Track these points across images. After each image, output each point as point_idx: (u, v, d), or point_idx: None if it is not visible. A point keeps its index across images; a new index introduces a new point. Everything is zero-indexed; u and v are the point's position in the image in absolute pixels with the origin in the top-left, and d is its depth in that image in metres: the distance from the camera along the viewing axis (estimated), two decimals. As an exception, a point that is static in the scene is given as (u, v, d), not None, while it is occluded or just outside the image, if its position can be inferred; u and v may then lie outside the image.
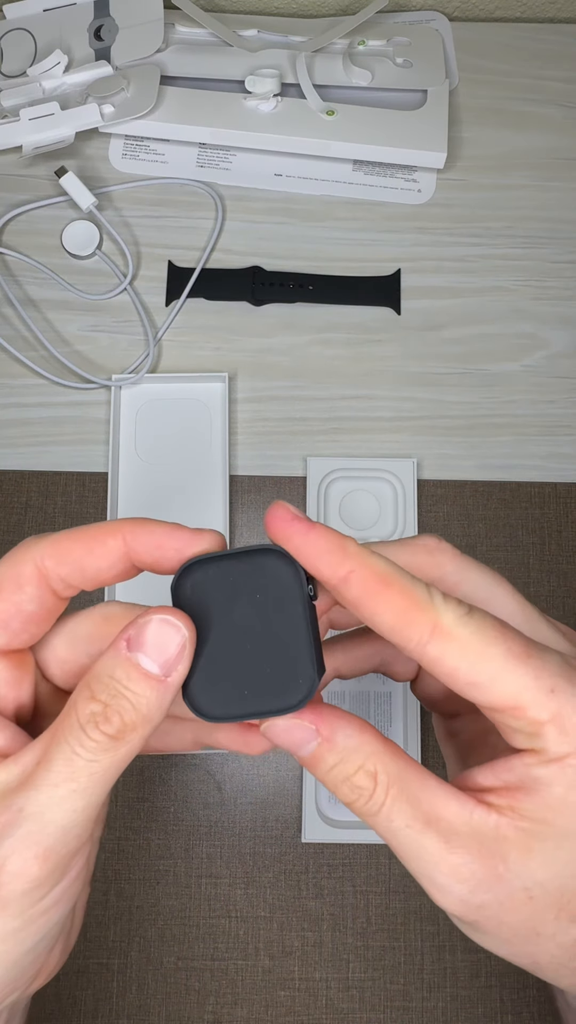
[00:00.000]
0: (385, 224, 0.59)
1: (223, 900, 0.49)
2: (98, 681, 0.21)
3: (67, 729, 0.21)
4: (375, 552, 0.22)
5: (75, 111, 0.57)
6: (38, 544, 0.23)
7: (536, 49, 0.64)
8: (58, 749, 0.21)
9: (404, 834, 0.21)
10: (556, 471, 0.55)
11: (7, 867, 0.20)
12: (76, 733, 0.21)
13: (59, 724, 0.21)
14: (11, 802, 0.20)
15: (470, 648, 0.21)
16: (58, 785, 0.20)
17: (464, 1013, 0.48)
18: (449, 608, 0.21)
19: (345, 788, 0.22)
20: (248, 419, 0.56)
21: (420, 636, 0.21)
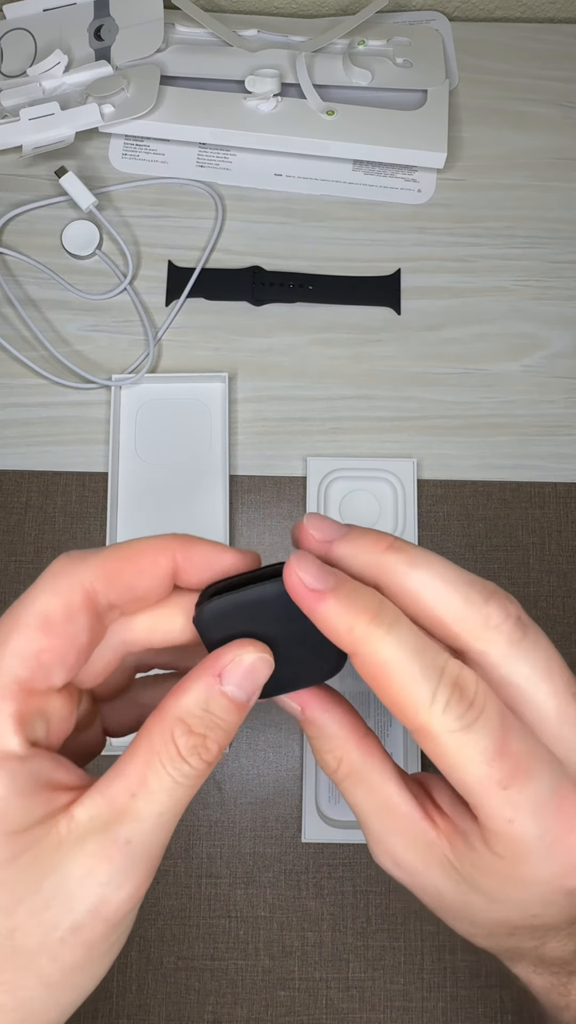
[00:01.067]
0: (385, 224, 0.59)
1: (223, 900, 0.49)
2: (192, 715, 0.22)
3: (168, 761, 0.21)
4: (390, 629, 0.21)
5: (75, 111, 0.57)
6: (84, 566, 0.22)
7: (536, 49, 0.64)
8: (159, 781, 0.21)
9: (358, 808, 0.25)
10: (556, 471, 0.55)
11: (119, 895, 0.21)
12: (178, 764, 0.21)
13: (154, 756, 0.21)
14: (115, 835, 0.21)
15: (450, 759, 0.21)
16: (163, 814, 0.21)
17: (464, 1013, 0.48)
18: (446, 719, 0.21)
19: (317, 757, 0.25)
20: (248, 419, 0.56)
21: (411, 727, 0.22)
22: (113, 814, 0.21)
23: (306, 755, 0.50)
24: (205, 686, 0.22)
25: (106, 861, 0.20)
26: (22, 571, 0.53)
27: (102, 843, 0.20)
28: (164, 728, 0.21)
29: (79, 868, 0.20)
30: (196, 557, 0.23)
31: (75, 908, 0.20)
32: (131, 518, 0.53)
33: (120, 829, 0.20)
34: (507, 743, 0.21)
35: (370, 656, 0.21)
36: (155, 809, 0.21)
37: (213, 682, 0.22)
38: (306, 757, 0.50)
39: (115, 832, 0.20)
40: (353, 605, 0.22)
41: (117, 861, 0.20)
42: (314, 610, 0.22)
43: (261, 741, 0.51)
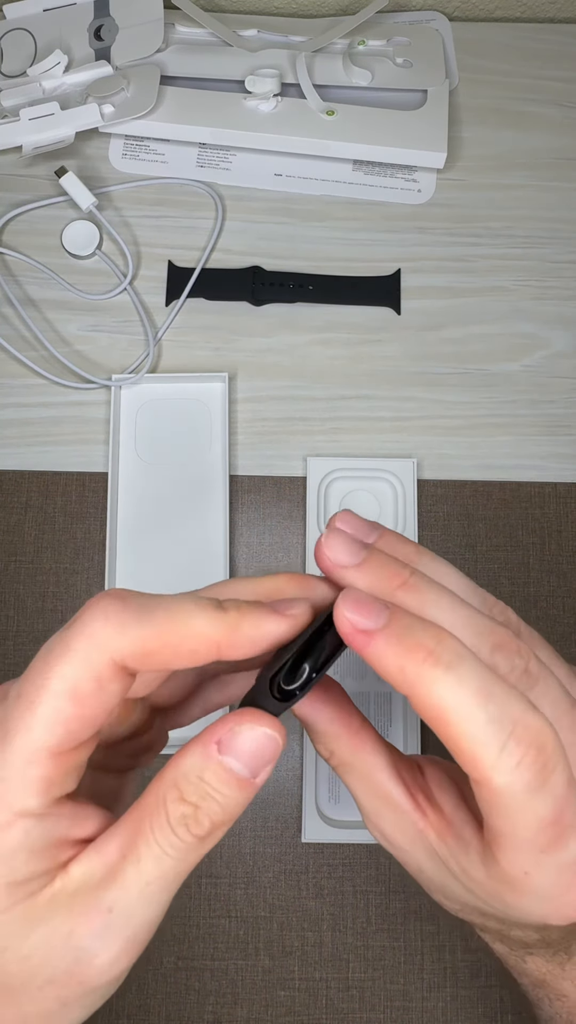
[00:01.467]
0: (385, 224, 0.59)
1: (223, 900, 0.49)
2: (187, 782, 0.21)
3: (157, 828, 0.20)
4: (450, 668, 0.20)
5: (75, 111, 0.57)
6: (121, 639, 0.20)
7: (536, 49, 0.64)
8: (147, 848, 0.20)
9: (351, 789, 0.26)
10: (556, 471, 0.55)
11: (95, 963, 0.20)
12: (166, 833, 0.20)
13: (145, 819, 0.21)
14: (99, 899, 0.20)
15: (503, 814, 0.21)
16: (149, 884, 0.20)
17: (464, 1013, 0.48)
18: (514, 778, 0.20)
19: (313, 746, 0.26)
20: (248, 419, 0.56)
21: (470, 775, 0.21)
22: (103, 875, 0.20)
23: (306, 755, 0.50)
24: (201, 753, 0.21)
25: (86, 925, 0.20)
26: (22, 571, 0.53)
27: (86, 906, 0.20)
28: (158, 790, 0.21)
29: (62, 926, 0.20)
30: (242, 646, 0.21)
31: (53, 964, 0.20)
32: (131, 518, 0.53)
33: (105, 894, 0.20)
34: (564, 813, 0.21)
35: (425, 699, 0.20)
36: (141, 878, 0.20)
37: (211, 750, 0.21)
38: (306, 757, 0.50)
39: (100, 896, 0.20)
40: (403, 643, 0.20)
41: (96, 926, 0.20)
42: (364, 653, 0.21)
43: (261, 741, 0.51)
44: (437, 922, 0.49)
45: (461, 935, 0.49)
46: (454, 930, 0.49)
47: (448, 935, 0.49)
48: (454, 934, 0.49)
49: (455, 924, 0.49)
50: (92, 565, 0.53)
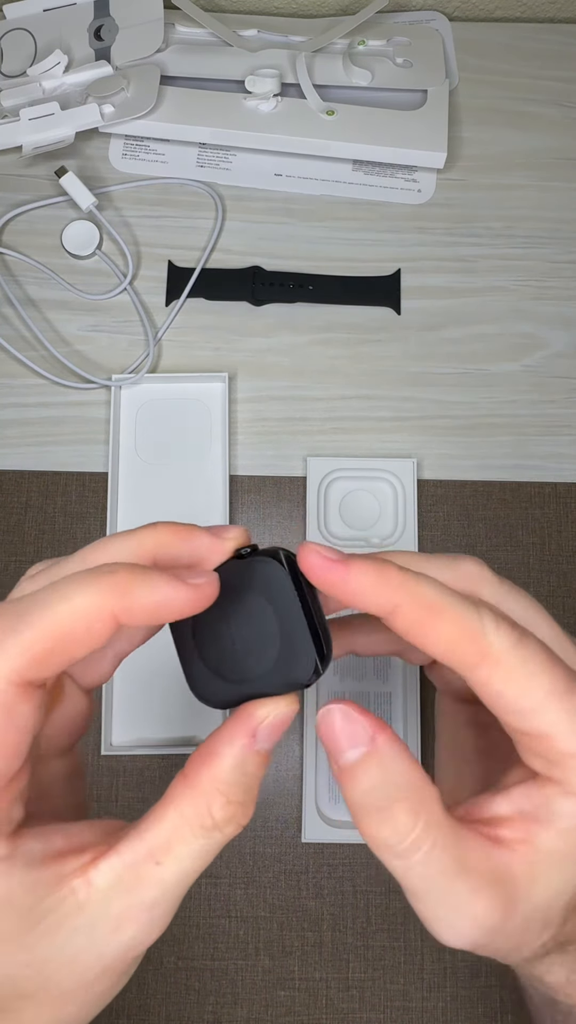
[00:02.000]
0: (385, 224, 0.59)
1: (223, 900, 0.49)
2: (232, 784, 0.21)
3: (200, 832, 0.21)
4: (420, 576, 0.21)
5: (75, 111, 0.57)
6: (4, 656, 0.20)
7: (536, 49, 0.64)
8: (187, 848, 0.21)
9: (434, 883, 0.21)
10: (556, 471, 0.55)
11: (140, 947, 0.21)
12: (212, 834, 0.21)
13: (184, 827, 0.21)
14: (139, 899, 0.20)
15: (517, 678, 0.21)
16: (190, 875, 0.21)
17: (464, 1013, 0.48)
18: (501, 635, 0.21)
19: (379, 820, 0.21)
20: (248, 419, 0.56)
21: (470, 661, 0.21)
22: (136, 880, 0.20)
23: (306, 755, 0.50)
24: (241, 749, 0.21)
25: (133, 922, 0.20)
26: (22, 571, 0.53)
27: (127, 906, 0.20)
28: (199, 798, 0.21)
29: (105, 927, 0.20)
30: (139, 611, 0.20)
31: (105, 956, 0.20)
32: (131, 518, 0.53)
33: (145, 893, 0.20)
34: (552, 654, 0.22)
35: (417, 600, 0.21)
36: (182, 876, 0.21)
37: (249, 743, 0.21)
38: (306, 757, 0.50)
39: (140, 896, 0.20)
40: (379, 565, 0.21)
41: (143, 920, 0.20)
42: (346, 575, 0.21)
43: (261, 741, 0.51)
44: (437, 922, 0.49)
45: (461, 935, 0.49)
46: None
47: (448, 935, 0.49)
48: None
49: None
50: (92, 565, 0.53)
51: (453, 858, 0.21)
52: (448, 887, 0.21)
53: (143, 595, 0.20)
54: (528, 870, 0.22)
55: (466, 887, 0.21)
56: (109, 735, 0.50)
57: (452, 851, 0.21)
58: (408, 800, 0.21)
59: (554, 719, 0.21)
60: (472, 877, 0.21)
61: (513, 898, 0.21)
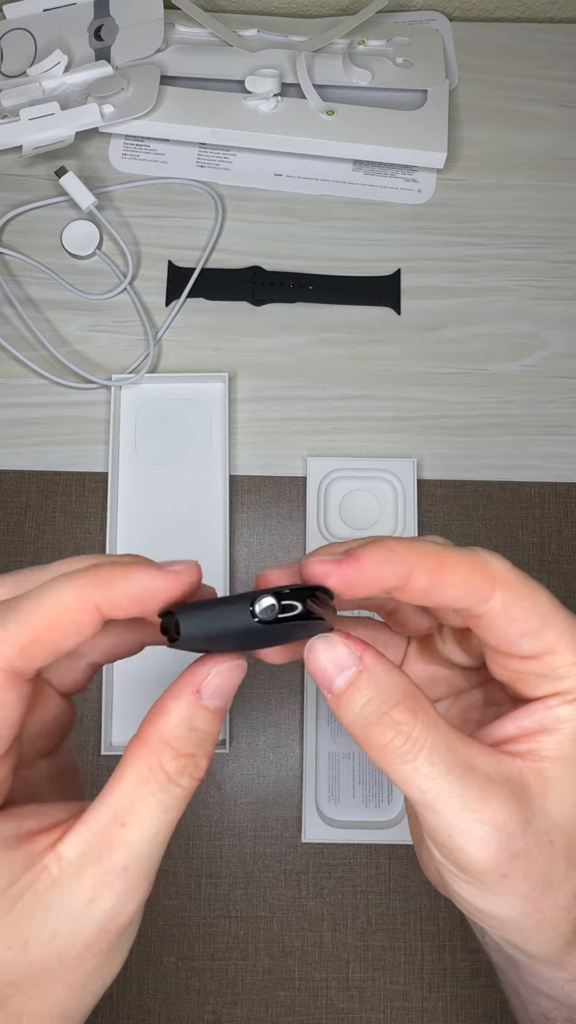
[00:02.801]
0: (385, 224, 0.59)
1: (223, 900, 0.49)
2: (179, 736, 0.21)
3: (157, 788, 0.21)
4: (416, 539, 0.23)
5: (75, 111, 0.57)
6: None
7: (536, 49, 0.64)
8: (149, 807, 0.21)
9: (444, 781, 0.21)
10: (556, 471, 0.55)
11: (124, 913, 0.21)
12: (168, 788, 0.21)
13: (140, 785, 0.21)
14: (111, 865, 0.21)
15: (525, 595, 0.23)
16: (157, 833, 0.21)
17: (464, 1013, 0.48)
18: (499, 561, 0.23)
19: (380, 727, 0.22)
20: (248, 419, 0.56)
21: (485, 594, 0.22)
22: (104, 845, 0.21)
23: (306, 755, 0.50)
24: (187, 704, 0.21)
25: (106, 888, 0.20)
26: (22, 571, 0.53)
27: (99, 873, 0.20)
28: (150, 755, 0.21)
29: (80, 899, 0.20)
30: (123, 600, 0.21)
31: (84, 930, 0.20)
32: (131, 518, 0.53)
33: (115, 857, 0.21)
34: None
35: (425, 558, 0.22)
36: (148, 833, 0.21)
37: (194, 699, 0.21)
38: (306, 757, 0.50)
39: (110, 861, 0.21)
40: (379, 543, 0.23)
41: (116, 887, 0.21)
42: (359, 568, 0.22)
43: (261, 741, 0.51)
44: (437, 922, 0.49)
45: (461, 935, 0.49)
46: (454, 930, 0.49)
47: (448, 935, 0.49)
48: (454, 934, 0.49)
49: (455, 924, 0.49)
50: (92, 565, 0.53)
51: (458, 757, 0.21)
52: (458, 784, 0.21)
53: (125, 585, 0.21)
54: (539, 778, 0.22)
55: (476, 787, 0.21)
56: (109, 735, 0.51)
57: (456, 750, 0.21)
58: (403, 702, 0.22)
59: (557, 632, 0.23)
60: (480, 776, 0.21)
61: (528, 802, 0.22)
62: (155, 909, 0.49)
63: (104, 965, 0.21)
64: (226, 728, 0.50)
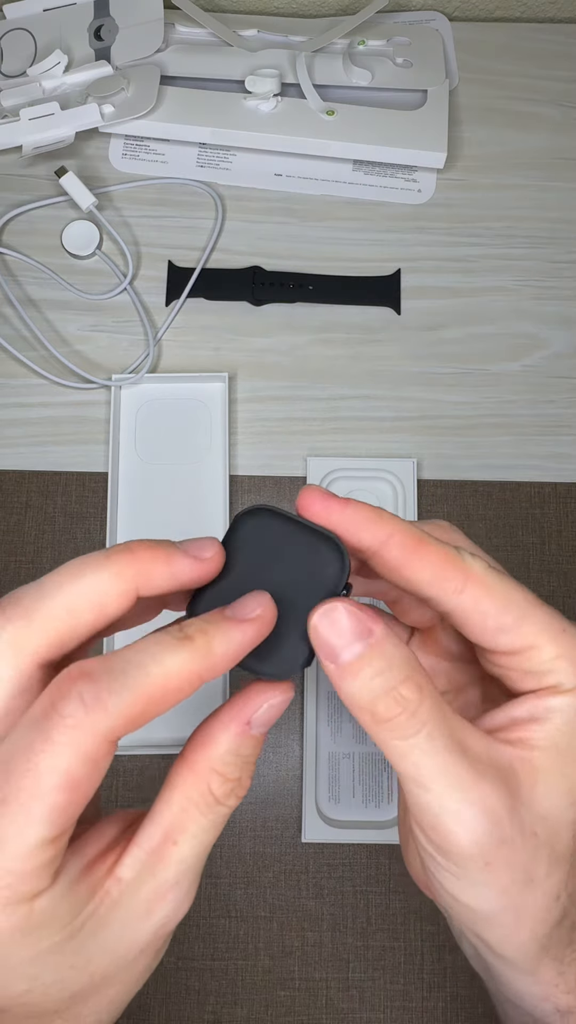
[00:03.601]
0: (385, 224, 0.59)
1: (223, 900, 0.49)
2: (226, 764, 0.22)
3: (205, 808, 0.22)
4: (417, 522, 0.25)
5: (75, 111, 0.57)
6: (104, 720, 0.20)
7: (536, 49, 0.64)
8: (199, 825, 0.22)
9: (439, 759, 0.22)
10: (556, 471, 0.55)
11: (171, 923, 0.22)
12: (215, 808, 0.22)
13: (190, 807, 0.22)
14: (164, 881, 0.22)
15: (498, 593, 0.23)
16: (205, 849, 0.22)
17: (464, 1013, 0.48)
18: (477, 560, 0.24)
19: (388, 700, 0.22)
20: (248, 419, 0.56)
21: (456, 585, 0.23)
22: (158, 863, 0.22)
23: (306, 755, 0.50)
24: (237, 735, 0.22)
25: (161, 901, 0.22)
26: (22, 571, 0.53)
27: (154, 888, 0.22)
28: (199, 780, 0.22)
29: (137, 912, 0.22)
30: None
31: (140, 940, 0.22)
32: (131, 518, 0.53)
33: (168, 873, 0.22)
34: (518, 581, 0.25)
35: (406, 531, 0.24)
36: (198, 850, 0.22)
37: (244, 730, 0.22)
38: (306, 757, 0.50)
39: (164, 877, 0.22)
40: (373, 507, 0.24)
41: (171, 898, 0.22)
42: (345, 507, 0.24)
43: (261, 741, 0.51)
44: (437, 922, 0.49)
45: (461, 935, 0.49)
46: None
47: (448, 935, 0.49)
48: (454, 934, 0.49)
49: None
50: (92, 565, 0.53)
51: (455, 737, 0.22)
52: (453, 763, 0.22)
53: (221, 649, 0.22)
54: (527, 767, 0.23)
55: (469, 768, 0.22)
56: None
57: (454, 733, 0.22)
58: (412, 678, 0.22)
59: (536, 629, 0.23)
60: (473, 760, 0.22)
61: (516, 790, 0.22)
62: (155, 909, 0.49)
63: (153, 962, 0.23)
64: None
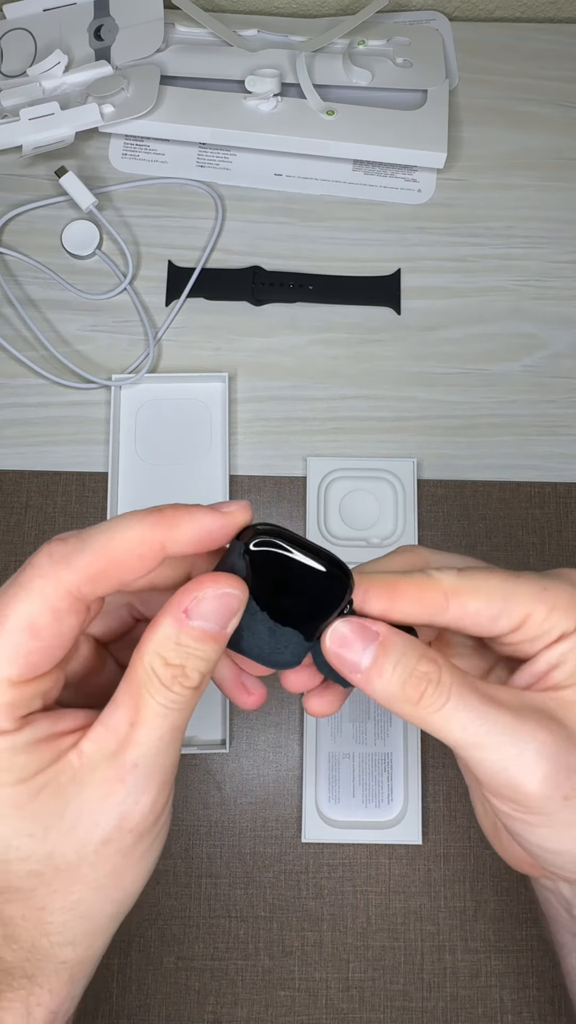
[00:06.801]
0: (385, 224, 0.59)
1: (223, 900, 0.49)
2: (167, 649, 0.23)
3: (155, 691, 0.23)
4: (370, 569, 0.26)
5: (75, 111, 0.57)
6: (69, 570, 0.23)
7: (536, 49, 0.64)
8: (151, 709, 0.23)
9: (480, 714, 0.24)
10: (556, 471, 0.55)
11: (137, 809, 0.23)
12: (164, 692, 0.23)
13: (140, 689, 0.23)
14: (123, 761, 0.23)
15: (478, 590, 0.25)
16: (162, 736, 0.23)
17: (464, 1013, 0.48)
18: (447, 574, 0.25)
19: (413, 681, 0.24)
20: (248, 419, 0.56)
21: (440, 606, 0.25)
22: (117, 742, 0.23)
23: (306, 755, 0.50)
24: (173, 622, 0.23)
25: (118, 783, 0.23)
26: (22, 571, 0.53)
27: (112, 768, 0.23)
28: (143, 662, 0.23)
29: (95, 792, 0.23)
30: (185, 539, 0.23)
31: (100, 825, 0.23)
32: (131, 518, 0.53)
33: (126, 755, 0.23)
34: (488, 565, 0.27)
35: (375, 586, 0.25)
36: (154, 734, 0.23)
37: (181, 618, 0.23)
38: (306, 757, 0.50)
39: (122, 758, 0.23)
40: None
41: (128, 782, 0.23)
42: None
43: (261, 741, 0.51)
44: (437, 922, 0.49)
45: (461, 935, 0.49)
46: (454, 930, 0.49)
47: (448, 935, 0.49)
48: (454, 934, 0.49)
49: (455, 924, 0.49)
50: (92, 565, 0.53)
51: (486, 695, 0.24)
52: (495, 715, 0.24)
53: (188, 526, 0.23)
54: (563, 703, 0.25)
55: (511, 713, 0.24)
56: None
57: (480, 689, 0.24)
58: (425, 655, 0.24)
59: (523, 600, 0.25)
60: (512, 706, 0.24)
61: (561, 725, 0.24)
62: (155, 909, 0.49)
63: (122, 870, 0.23)
64: (226, 728, 0.50)
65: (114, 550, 0.23)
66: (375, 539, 0.53)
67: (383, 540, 0.53)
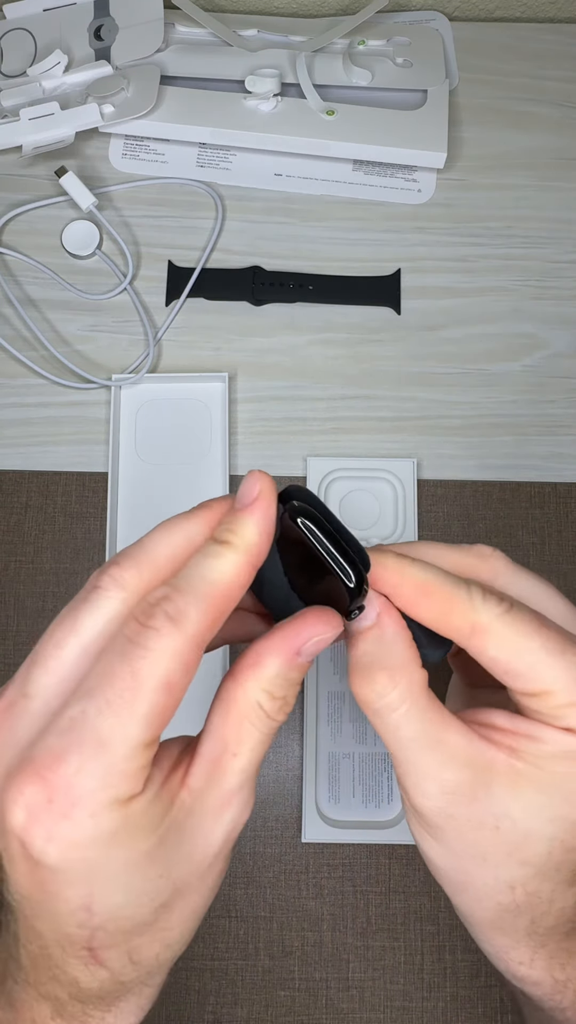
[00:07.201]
0: (385, 224, 0.59)
1: (223, 900, 0.49)
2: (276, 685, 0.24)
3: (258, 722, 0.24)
4: (415, 561, 0.25)
5: (75, 111, 0.57)
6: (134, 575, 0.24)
7: (536, 49, 0.64)
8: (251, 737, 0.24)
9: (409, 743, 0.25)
10: (556, 471, 0.55)
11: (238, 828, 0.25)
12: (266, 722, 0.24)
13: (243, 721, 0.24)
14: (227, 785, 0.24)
15: (508, 642, 0.24)
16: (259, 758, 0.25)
17: (464, 1013, 0.48)
18: (488, 607, 0.24)
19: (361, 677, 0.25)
20: (248, 419, 0.56)
21: (462, 632, 0.24)
22: (222, 772, 0.24)
23: (306, 755, 0.50)
24: (286, 663, 0.24)
25: (227, 807, 0.24)
26: (22, 571, 0.53)
27: (220, 794, 0.24)
28: (248, 698, 0.24)
29: (207, 819, 0.24)
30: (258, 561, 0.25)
31: (212, 844, 0.24)
32: (131, 518, 0.53)
33: (231, 781, 0.24)
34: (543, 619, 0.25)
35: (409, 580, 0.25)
36: (254, 759, 0.24)
37: (292, 659, 0.24)
38: (306, 757, 0.50)
39: (227, 784, 0.24)
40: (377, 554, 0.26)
41: (235, 803, 0.24)
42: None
43: (261, 741, 0.51)
44: (437, 922, 0.49)
45: (461, 935, 0.49)
46: (454, 930, 0.49)
47: (448, 935, 0.49)
48: (454, 934, 0.49)
49: (455, 924, 0.49)
50: (92, 565, 0.53)
51: (427, 731, 0.25)
52: (419, 753, 0.25)
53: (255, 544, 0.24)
54: (510, 774, 0.24)
55: (436, 759, 0.24)
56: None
57: (428, 724, 0.25)
58: (389, 670, 0.25)
59: (553, 675, 0.24)
60: (445, 752, 0.24)
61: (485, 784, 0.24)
62: (155, 909, 0.49)
63: (222, 872, 0.25)
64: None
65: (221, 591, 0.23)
66: (375, 539, 0.53)
67: (383, 540, 0.53)
